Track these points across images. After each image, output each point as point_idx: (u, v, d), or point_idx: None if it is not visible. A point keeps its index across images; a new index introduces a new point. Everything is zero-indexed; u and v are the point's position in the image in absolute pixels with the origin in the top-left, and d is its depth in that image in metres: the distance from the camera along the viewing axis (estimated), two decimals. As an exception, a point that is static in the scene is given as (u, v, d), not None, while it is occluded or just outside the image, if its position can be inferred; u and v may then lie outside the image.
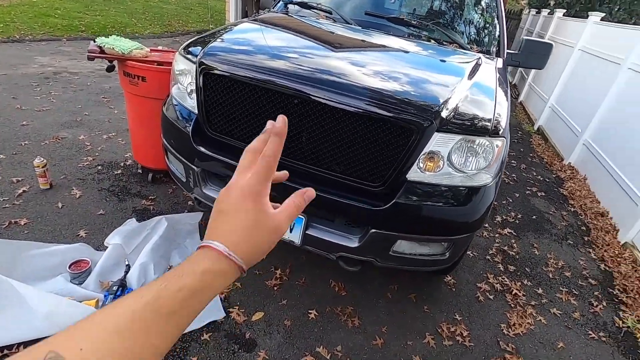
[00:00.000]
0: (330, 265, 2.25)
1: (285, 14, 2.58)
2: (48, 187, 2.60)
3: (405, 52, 2.05)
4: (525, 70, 8.05)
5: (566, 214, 3.55)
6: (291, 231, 1.63)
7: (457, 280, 2.39)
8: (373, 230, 1.56)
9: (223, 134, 1.70)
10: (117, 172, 2.93)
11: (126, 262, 1.96)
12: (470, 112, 1.57)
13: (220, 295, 1.96)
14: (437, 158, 1.50)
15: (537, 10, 9.47)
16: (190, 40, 1.96)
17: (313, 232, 1.62)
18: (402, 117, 1.44)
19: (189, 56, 1.78)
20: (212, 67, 1.62)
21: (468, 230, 1.65)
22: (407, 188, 1.52)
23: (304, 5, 2.59)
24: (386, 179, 1.52)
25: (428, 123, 1.44)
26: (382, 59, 1.93)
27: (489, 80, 1.88)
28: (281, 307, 1.97)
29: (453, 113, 1.51)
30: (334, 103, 1.44)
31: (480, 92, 1.73)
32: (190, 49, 1.83)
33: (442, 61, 2.08)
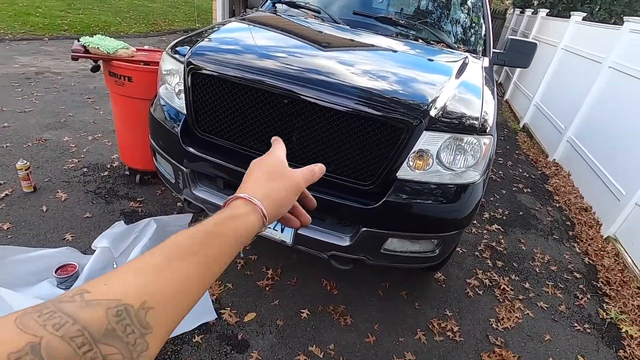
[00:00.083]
0: (321, 264, 2.25)
1: (273, 13, 2.57)
2: (32, 191, 2.53)
3: (393, 52, 2.06)
4: (510, 69, 8.20)
5: (551, 210, 3.63)
6: (282, 231, 1.63)
7: (447, 276, 2.43)
8: (364, 228, 1.57)
9: (212, 135, 1.69)
10: (104, 174, 2.87)
11: (114, 266, 1.93)
12: (458, 111, 1.60)
13: (211, 296, 1.94)
14: (427, 156, 1.52)
15: (521, 10, 9.65)
16: (177, 39, 1.94)
17: (304, 232, 1.62)
18: (392, 116, 1.45)
19: (177, 56, 1.75)
20: (201, 67, 1.61)
21: (457, 227, 1.68)
22: (397, 186, 1.53)
23: (292, 4, 2.58)
24: (376, 178, 1.53)
25: (417, 122, 1.45)
26: (371, 59, 1.94)
27: (476, 79, 1.91)
28: (273, 307, 1.97)
29: (441, 112, 1.53)
30: (324, 102, 1.45)
31: (467, 91, 1.76)
32: (177, 49, 1.81)
33: (430, 60, 2.10)
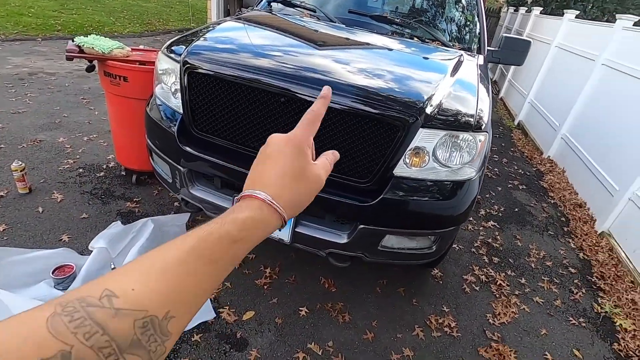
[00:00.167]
0: (319, 262, 2.26)
1: (269, 12, 2.57)
2: (27, 192, 2.52)
3: (389, 50, 2.07)
4: (505, 66, 8.25)
5: (546, 206, 3.67)
6: (280, 229, 1.64)
7: (444, 273, 2.45)
8: (361, 226, 1.58)
9: (209, 134, 1.69)
10: (100, 175, 2.86)
11: (112, 266, 1.93)
12: (453, 108, 1.61)
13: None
14: (423, 153, 1.53)
15: (515, 8, 9.70)
16: (173, 39, 1.93)
17: (302, 230, 1.63)
18: (388, 114, 1.46)
19: (173, 55, 1.75)
20: (197, 66, 1.61)
21: (454, 223, 1.69)
22: (394, 184, 1.54)
23: (288, 3, 2.58)
24: (373, 175, 1.54)
25: (413, 119, 1.46)
26: (367, 57, 1.95)
27: (471, 76, 1.93)
28: (272, 306, 1.98)
29: (437, 109, 1.54)
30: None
31: (462, 89, 1.77)
32: (173, 48, 1.81)
33: (425, 58, 2.11)
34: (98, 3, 10.79)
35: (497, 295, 2.35)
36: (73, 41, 2.32)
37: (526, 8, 8.59)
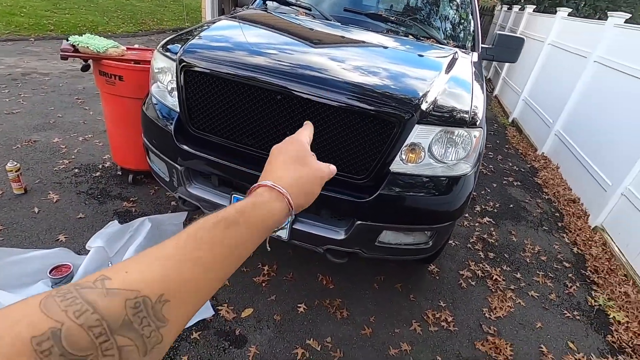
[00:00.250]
0: (317, 259, 2.28)
1: (264, 11, 2.57)
2: (22, 192, 2.50)
3: (384, 48, 2.09)
4: (499, 64, 8.30)
5: (541, 202, 3.71)
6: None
7: (441, 268, 2.47)
8: (359, 222, 1.59)
9: (206, 132, 1.69)
10: (96, 175, 2.85)
11: (110, 265, 1.92)
12: (448, 105, 1.63)
13: (208, 293, 1.95)
14: (419, 149, 1.55)
15: (509, 6, 9.76)
16: (169, 37, 1.93)
17: (300, 227, 1.64)
18: (384, 111, 1.47)
19: (169, 54, 1.75)
20: (193, 65, 1.61)
21: (450, 218, 1.71)
22: (391, 180, 1.56)
23: (283, 2, 2.59)
24: (370, 172, 1.56)
25: (409, 115, 1.48)
26: (363, 55, 1.96)
27: (466, 74, 1.95)
28: (270, 303, 1.99)
29: (432, 106, 1.56)
30: (317, 98, 1.47)
31: (457, 86, 1.79)
32: (169, 47, 1.81)
33: (420, 56, 2.13)
34: (91, 2, 10.70)
35: (493, 289, 2.38)
36: (67, 40, 2.31)
37: (519, 6, 8.65)
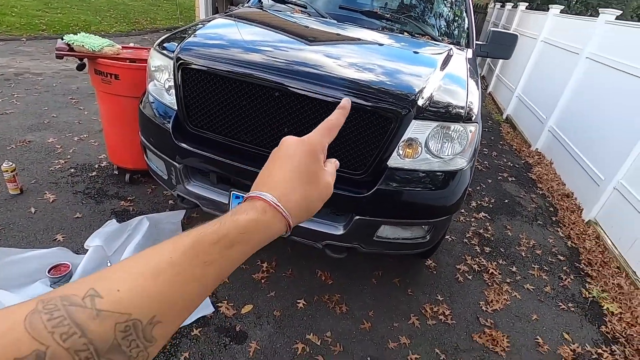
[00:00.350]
0: (315, 256, 2.29)
1: (259, 9, 2.57)
2: (18, 193, 2.49)
3: (380, 45, 2.11)
4: (493, 61, 8.37)
5: (535, 197, 3.75)
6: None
7: (438, 263, 2.50)
8: (357, 217, 1.61)
9: (204, 129, 1.70)
10: (92, 174, 2.84)
11: (108, 264, 1.93)
12: (444, 101, 1.65)
13: (208, 291, 1.96)
14: (416, 144, 1.57)
15: (502, 4, 9.83)
16: (164, 36, 1.93)
17: (299, 222, 1.65)
18: (381, 106, 1.49)
19: (165, 52, 1.76)
20: (191, 62, 1.62)
21: (447, 212, 1.73)
22: (388, 175, 1.58)
23: (279, -1, 2.60)
24: (368, 167, 1.57)
25: (406, 111, 1.50)
26: (359, 52, 1.98)
27: (461, 70, 1.97)
28: (270, 299, 2.00)
29: (428, 101, 1.58)
30: (315, 94, 1.48)
31: (452, 82, 1.81)
32: (165, 45, 1.81)
33: (416, 53, 2.15)
34: (83, 2, 10.60)
35: (490, 283, 2.41)
36: (63, 39, 2.29)
37: (512, 4, 8.71)
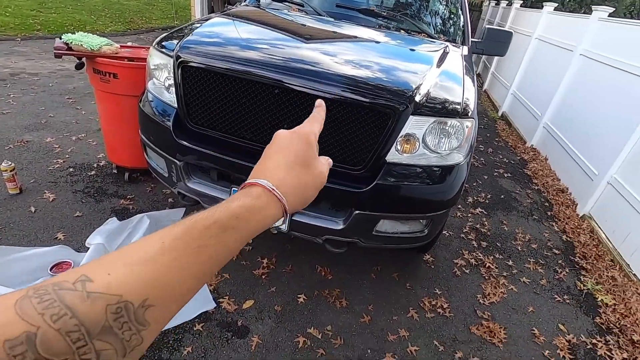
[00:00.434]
0: (315, 251, 2.32)
1: (257, 7, 2.59)
2: (18, 192, 2.49)
3: (378, 42, 2.13)
4: (488, 59, 8.42)
5: (531, 192, 3.80)
6: (282, 222, 1.68)
7: (435, 258, 2.53)
8: (357, 211, 1.63)
9: (205, 127, 1.72)
10: (91, 174, 2.85)
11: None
12: (441, 97, 1.68)
13: (209, 286, 1.98)
14: (413, 140, 1.60)
15: (497, 1, 9.89)
16: (163, 35, 1.95)
17: (299, 218, 1.67)
18: (380, 102, 1.52)
19: (165, 50, 1.77)
20: (190, 60, 1.63)
21: (444, 206, 1.76)
22: (387, 170, 1.60)
23: (276, -2, 2.61)
24: (367, 162, 1.60)
25: (404, 107, 1.53)
26: (356, 49, 2.00)
27: (457, 67, 2.00)
28: (270, 294, 2.02)
29: (425, 97, 1.61)
30: (315, 91, 1.50)
31: (449, 78, 1.84)
32: (164, 44, 1.82)
33: (412, 50, 2.18)
34: (78, 1, 10.54)
35: (487, 277, 2.45)
36: (61, 39, 2.30)
37: (507, 1, 8.77)
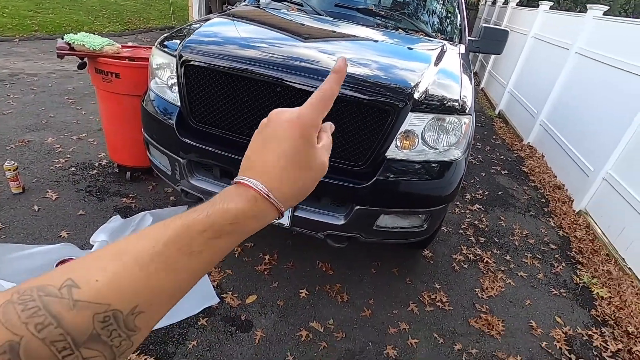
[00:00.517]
0: (316, 247, 2.35)
1: (256, 7, 2.62)
2: (21, 191, 2.51)
3: (376, 41, 2.17)
4: (485, 58, 8.48)
5: (527, 189, 3.85)
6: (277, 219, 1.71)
7: (434, 253, 2.57)
8: (357, 207, 1.67)
9: (208, 125, 1.75)
10: (93, 173, 2.87)
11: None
12: (439, 94, 1.72)
13: (212, 282, 2.01)
14: (412, 136, 1.63)
15: (493, 0, 9.95)
16: (166, 34, 1.98)
17: (301, 214, 1.71)
18: (380, 100, 1.55)
19: (167, 50, 1.80)
20: (193, 60, 1.66)
21: (443, 202, 1.80)
22: (387, 166, 1.64)
23: (276, -2, 2.64)
24: (367, 159, 1.64)
25: (403, 104, 1.56)
26: (357, 48, 2.03)
27: (454, 65, 2.04)
28: (273, 290, 2.06)
29: (424, 95, 1.65)
30: (312, 89, 1.52)
31: (446, 77, 1.88)
32: (166, 43, 1.85)
33: (410, 49, 2.21)
34: (75, 2, 10.52)
35: (485, 271, 2.49)
36: (63, 39, 2.32)
37: (503, 0, 8.83)
